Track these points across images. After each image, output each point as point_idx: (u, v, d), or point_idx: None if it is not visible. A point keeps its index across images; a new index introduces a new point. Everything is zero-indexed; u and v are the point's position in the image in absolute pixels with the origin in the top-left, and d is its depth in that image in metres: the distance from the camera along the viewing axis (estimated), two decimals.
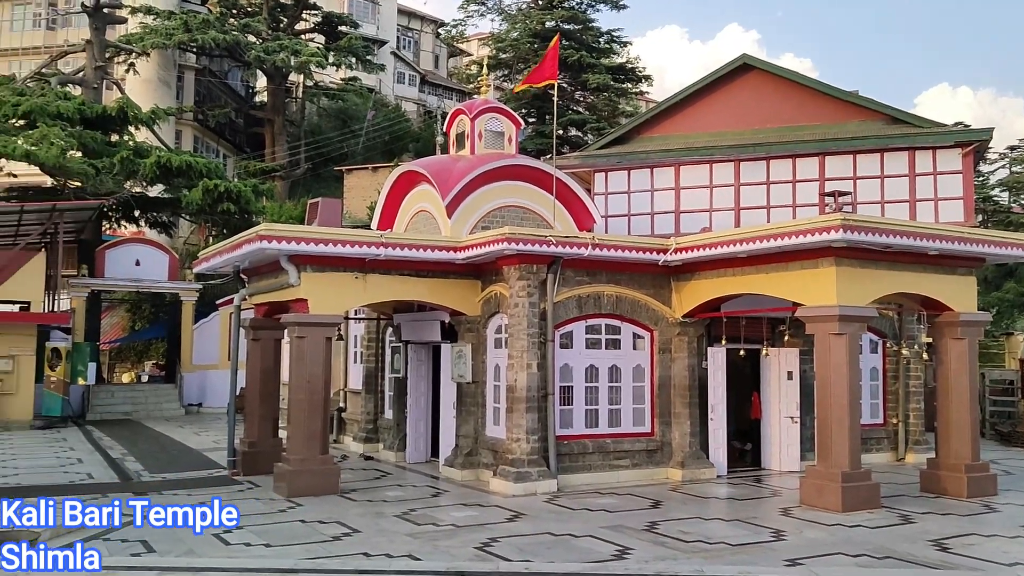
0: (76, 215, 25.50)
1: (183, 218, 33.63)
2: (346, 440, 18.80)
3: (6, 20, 45.00)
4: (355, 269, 13.22)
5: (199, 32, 39.47)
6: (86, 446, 18.70)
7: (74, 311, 26.10)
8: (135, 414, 25.99)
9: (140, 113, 30.20)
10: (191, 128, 44.40)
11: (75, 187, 28.19)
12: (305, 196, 37.42)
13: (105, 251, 27.58)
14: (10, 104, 27.78)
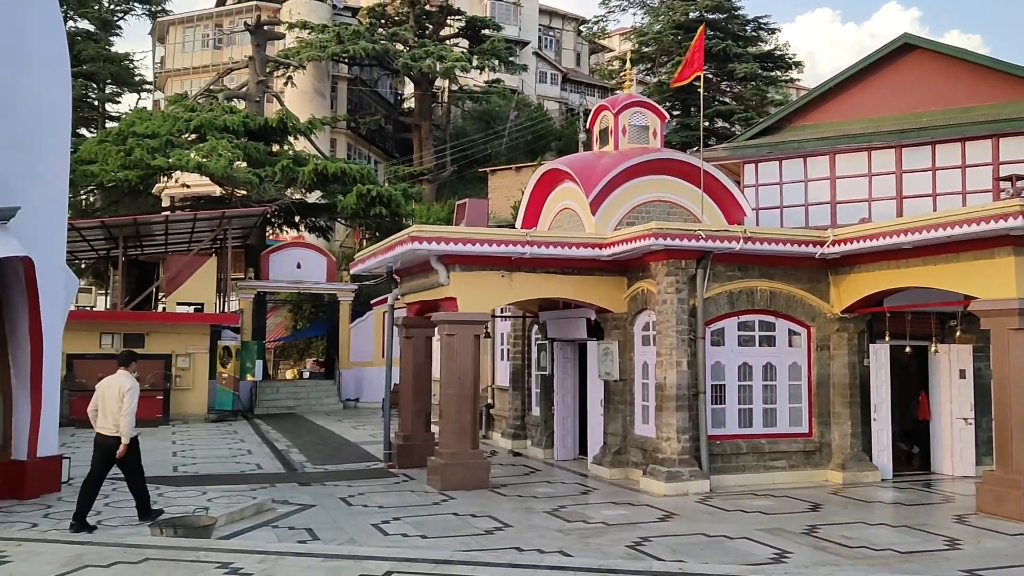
0: (243, 222, 27.18)
1: (339, 222, 35.18)
2: (494, 436, 19.09)
3: (178, 42, 48.47)
4: (502, 268, 13.38)
5: (350, 43, 41.18)
6: (255, 438, 19.87)
7: (242, 312, 27.79)
8: (298, 408, 27.40)
9: (298, 124, 31.81)
10: (345, 136, 46.35)
11: (241, 195, 30.06)
12: (451, 198, 38.32)
13: (269, 255, 29.23)
14: (183, 120, 29.92)
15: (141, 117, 32.07)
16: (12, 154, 11.55)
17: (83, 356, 22.15)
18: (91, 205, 35.30)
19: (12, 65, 11.64)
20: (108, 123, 48.95)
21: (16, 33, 11.75)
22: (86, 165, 27.55)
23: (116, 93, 53.37)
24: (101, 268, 32.27)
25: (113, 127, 36.87)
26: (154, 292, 27.73)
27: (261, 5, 45.47)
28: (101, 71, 48.52)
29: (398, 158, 48.84)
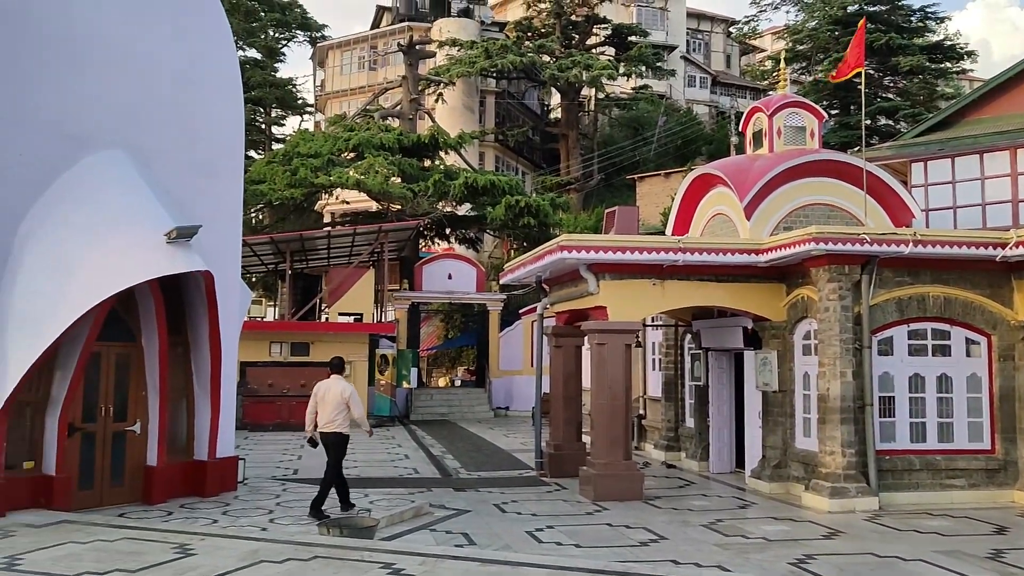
0: (398, 235, 28.18)
1: (488, 233, 35.85)
2: (646, 447, 18.83)
3: (337, 65, 50.93)
4: (652, 276, 13.21)
5: (498, 57, 41.95)
6: (411, 443, 20.50)
7: (398, 321, 28.78)
8: (450, 415, 28.06)
9: (449, 139, 32.70)
10: (493, 149, 47.23)
11: (396, 209, 31.18)
12: (599, 206, 38.25)
13: (422, 267, 30.14)
14: (343, 139, 31.39)
15: (304, 138, 33.88)
16: (193, 176, 12.49)
17: (255, 364, 23.58)
18: (260, 222, 37.59)
19: (192, 93, 12.60)
20: (274, 145, 52.11)
21: (195, 64, 12.70)
22: (256, 185, 29.36)
23: (281, 116, 56.75)
24: (270, 281, 34.28)
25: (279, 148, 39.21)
26: (318, 303, 29.17)
27: (413, 26, 47.11)
28: (267, 96, 51.70)
29: (545, 168, 49.28)
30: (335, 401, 11.01)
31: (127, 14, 11.89)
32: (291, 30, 55.31)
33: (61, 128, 11.15)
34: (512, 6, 55.48)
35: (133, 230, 10.98)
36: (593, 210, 38.79)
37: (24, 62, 10.80)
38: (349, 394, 11.07)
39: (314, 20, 55.34)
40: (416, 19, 48.88)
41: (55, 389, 10.83)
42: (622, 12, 54.97)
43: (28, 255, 10.75)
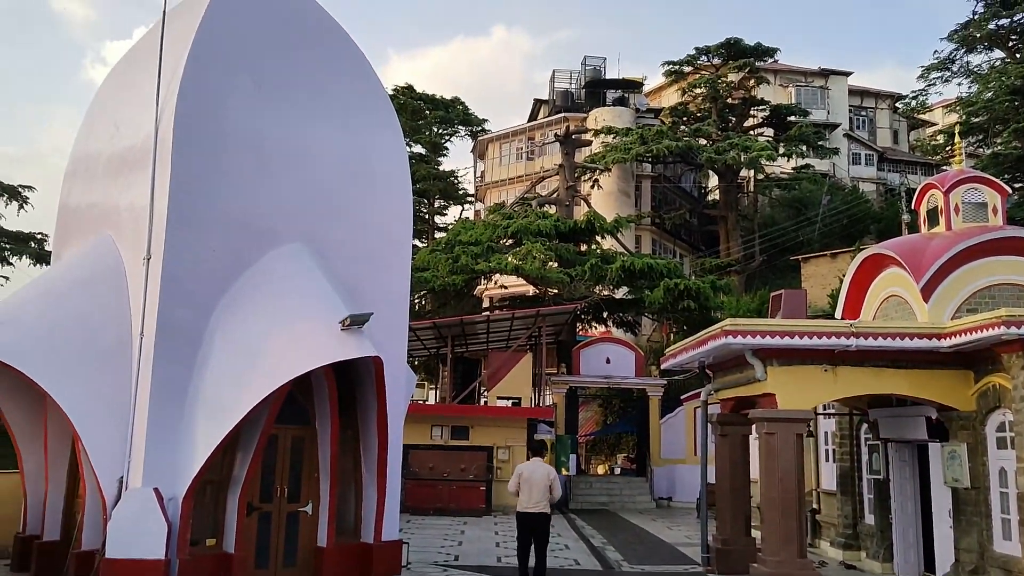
0: (555, 319, 28.42)
1: (646, 317, 35.55)
2: (822, 545, 17.65)
3: (496, 157, 52.91)
4: (824, 361, 12.62)
5: (654, 143, 42.29)
6: (571, 533, 20.16)
7: (556, 406, 28.74)
8: (610, 505, 27.46)
9: (605, 223, 33.00)
10: (649, 232, 47.20)
11: (553, 294, 31.56)
12: (762, 289, 37.19)
13: (580, 350, 30.14)
14: (501, 227, 32.35)
15: (465, 227, 35.18)
16: (364, 265, 13.18)
17: (417, 447, 24.12)
18: (423, 307, 38.99)
19: (365, 189, 13.41)
20: (437, 234, 54.33)
21: (368, 161, 13.55)
22: (420, 272, 30.60)
23: (443, 206, 59.29)
24: (432, 364, 35.24)
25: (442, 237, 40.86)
26: (477, 387, 29.67)
27: (569, 117, 48.42)
28: (431, 188, 54.24)
29: (704, 251, 48.64)
30: (542, 484, 11.92)
31: (306, 118, 12.89)
32: (453, 125, 58.14)
33: (248, 225, 12.10)
34: (667, 93, 56.08)
35: (311, 318, 11.64)
36: (756, 293, 37.73)
37: (218, 166, 11.87)
38: (553, 477, 12.04)
39: (475, 115, 58.00)
40: (572, 110, 50.26)
41: (236, 469, 11.46)
42: (780, 93, 54.34)
43: (217, 343, 11.57)
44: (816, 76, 57.65)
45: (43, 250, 28.35)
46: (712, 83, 46.11)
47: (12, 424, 12.60)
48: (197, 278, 11.51)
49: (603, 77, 52.82)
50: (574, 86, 53.37)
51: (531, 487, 11.90)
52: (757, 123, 48.42)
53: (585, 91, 52.28)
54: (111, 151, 12.86)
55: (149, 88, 11.99)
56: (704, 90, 47.00)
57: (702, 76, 47.36)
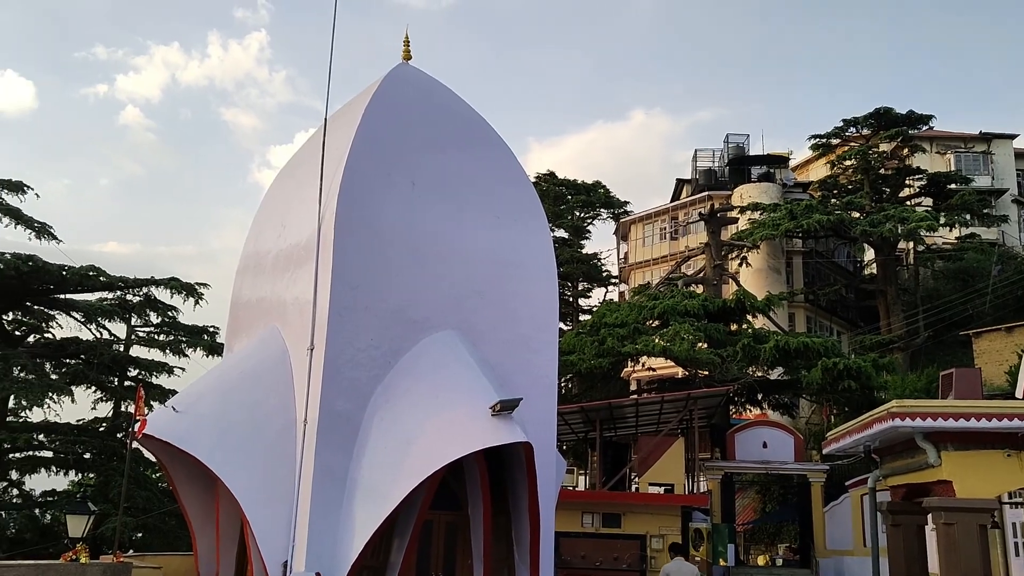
0: (707, 402, 27.64)
1: (803, 398, 34.02)
2: None
3: (639, 238, 52.94)
4: (1005, 445, 11.67)
5: (803, 218, 41.13)
6: None
7: (711, 493, 27.70)
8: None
9: (755, 302, 32.13)
10: (803, 309, 45.53)
11: (704, 375, 30.80)
12: (928, 367, 34.91)
13: (734, 434, 29.06)
14: (647, 308, 32.09)
15: (610, 309, 35.13)
16: (513, 351, 13.42)
17: (567, 534, 23.72)
18: (569, 391, 38.91)
19: (513, 276, 13.77)
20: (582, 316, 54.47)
21: (515, 249, 13.94)
22: (566, 355, 30.65)
23: (587, 289, 59.49)
24: (580, 449, 34.91)
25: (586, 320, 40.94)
26: (627, 472, 29.06)
27: (713, 195, 48.02)
28: (575, 271, 54.69)
29: (863, 327, 46.32)
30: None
31: (457, 212, 13.46)
32: (595, 208, 58.74)
33: (403, 314, 12.63)
34: (815, 167, 54.74)
35: (463, 404, 11.90)
36: (923, 371, 35.41)
37: (375, 260, 12.53)
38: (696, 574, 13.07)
39: (616, 198, 58.45)
40: (715, 188, 49.83)
41: (393, 555, 11.71)
42: (938, 161, 51.88)
43: (374, 429, 12.00)
44: (977, 141, 54.75)
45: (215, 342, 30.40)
46: (863, 154, 44.66)
47: (188, 508, 13.40)
48: (356, 367, 12.05)
49: (746, 154, 52.27)
50: (717, 164, 53.04)
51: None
52: (914, 192, 46.30)
53: (728, 168, 51.82)
54: (278, 249, 13.84)
55: (312, 189, 12.92)
56: (855, 162, 45.54)
57: (852, 148, 45.97)
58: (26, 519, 25.42)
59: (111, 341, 30.03)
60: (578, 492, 28.62)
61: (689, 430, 27.64)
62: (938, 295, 44.56)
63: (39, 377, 25.46)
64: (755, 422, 30.87)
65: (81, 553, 10.71)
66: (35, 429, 27.30)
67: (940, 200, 44.27)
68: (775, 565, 31.36)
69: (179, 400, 12.70)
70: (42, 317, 28.19)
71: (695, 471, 27.94)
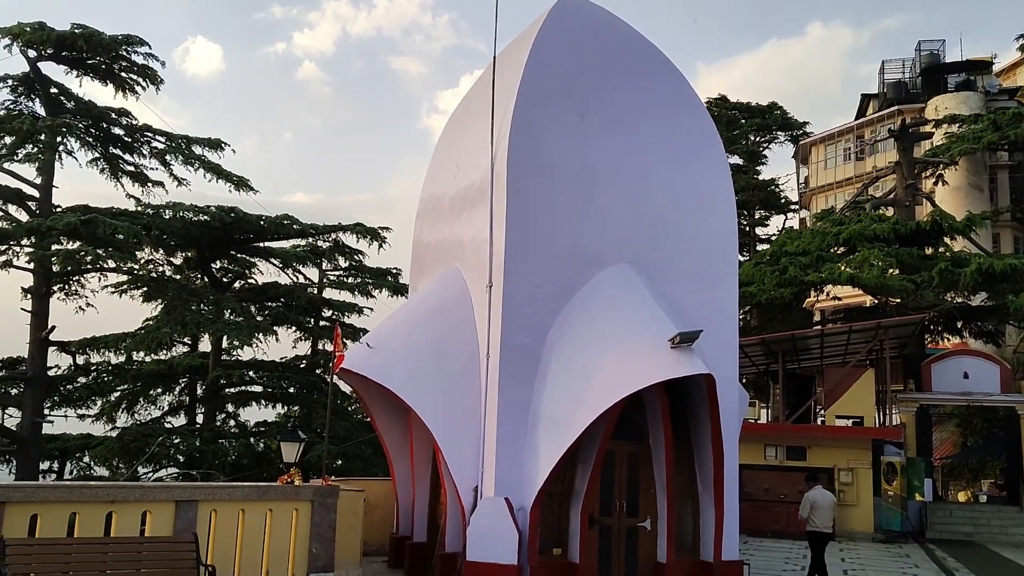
0: (899, 331, 26.16)
1: (1011, 325, 31.48)
2: None
3: (820, 160, 50.14)
4: None
5: (1010, 128, 37.41)
6: (930, 565, 18.40)
7: (904, 426, 26.42)
8: (976, 536, 24.59)
9: (954, 223, 29.80)
10: (1010, 229, 41.85)
11: (895, 304, 29.10)
12: None
13: (930, 365, 27.43)
14: (832, 234, 30.52)
15: (791, 237, 33.71)
16: (692, 285, 13.25)
17: (750, 467, 23.45)
18: (748, 323, 37.93)
19: (689, 207, 13.52)
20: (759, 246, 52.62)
21: (691, 181, 13.64)
22: (745, 287, 29.82)
23: (765, 217, 57.21)
24: (761, 382, 34.16)
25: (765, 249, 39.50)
26: (812, 405, 28.18)
27: (904, 109, 44.58)
28: (751, 199, 52.67)
29: None
30: (831, 507, 14.17)
31: (629, 144, 13.29)
32: (772, 132, 56.06)
33: (579, 250, 12.73)
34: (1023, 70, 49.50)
35: (640, 337, 11.93)
36: None
37: (549, 197, 12.64)
38: (834, 501, 14.46)
39: (794, 119, 55.42)
40: (906, 101, 46.18)
41: (577, 483, 12.04)
42: None
43: (553, 363, 12.28)
44: None
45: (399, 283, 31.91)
46: None
47: (384, 436, 14.36)
48: (534, 302, 12.32)
49: (942, 61, 47.90)
50: (907, 75, 48.97)
51: (821, 511, 13.99)
52: None
53: (921, 79, 47.73)
54: (454, 191, 14.26)
55: (483, 130, 13.15)
56: None
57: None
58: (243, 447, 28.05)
59: (306, 285, 32.22)
60: (761, 425, 28.10)
61: (880, 361, 26.34)
62: None
63: (246, 319, 27.72)
64: (954, 351, 28.97)
65: (295, 476, 11.74)
66: (246, 366, 29.93)
67: None
68: (978, 501, 29.65)
69: (372, 337, 13.50)
70: (245, 264, 30.58)
71: (887, 403, 26.67)
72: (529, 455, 11.75)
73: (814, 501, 14.02)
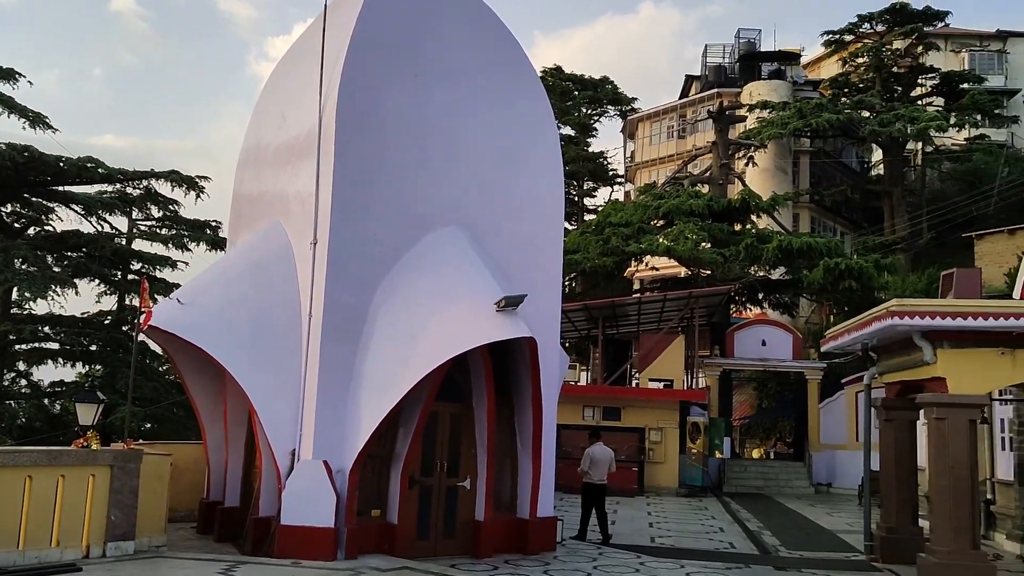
0: (708, 301, 27.88)
1: (804, 298, 34.25)
2: (997, 537, 16.54)
3: (646, 136, 52.19)
4: (1000, 344, 11.81)
5: (812, 117, 40.46)
6: (725, 516, 19.85)
7: (709, 388, 28.26)
8: (766, 489, 26.79)
9: (760, 202, 31.97)
10: (808, 210, 45.33)
11: (706, 275, 30.94)
12: (930, 267, 34.99)
13: (734, 333, 29.44)
14: (652, 207, 31.98)
15: (615, 208, 35.03)
16: (519, 248, 13.43)
17: (568, 426, 24.31)
18: (573, 289, 39.16)
19: (519, 172, 13.64)
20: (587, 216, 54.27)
21: (521, 146, 13.76)
22: (570, 254, 30.73)
23: (593, 188, 59.03)
24: (583, 346, 35.43)
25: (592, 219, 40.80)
26: (628, 368, 29.58)
27: (722, 92, 47.08)
28: (581, 170, 54.15)
29: (866, 228, 46.23)
30: (608, 462, 15.02)
31: (463, 106, 13.20)
32: (603, 105, 57.67)
33: (409, 210, 12.56)
34: (826, 64, 53.48)
35: (467, 300, 11.99)
36: (924, 272, 35.51)
37: (379, 154, 12.36)
38: (612, 456, 15.21)
39: (624, 94, 57.29)
40: (725, 85, 48.80)
41: (399, 445, 12.01)
42: (952, 59, 50.60)
43: (379, 324, 12.12)
44: (993, 39, 53.28)
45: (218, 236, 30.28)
46: (876, 51, 43.57)
47: (196, 398, 13.71)
48: (360, 261, 12.07)
49: (758, 50, 50.94)
50: (727, 60, 51.75)
51: (599, 465, 14.80)
52: (926, 92, 45.38)
53: (739, 65, 50.60)
54: (279, 141, 13.66)
55: (312, 81, 12.64)
56: (867, 59, 44.46)
57: (865, 45, 44.82)
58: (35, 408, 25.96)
59: (113, 234, 29.97)
60: (580, 387, 29.25)
61: (690, 328, 28.00)
62: (943, 197, 44.27)
63: (41, 269, 25.47)
64: (755, 321, 31.23)
65: (92, 440, 10.96)
66: (40, 321, 27.55)
67: (952, 100, 43.46)
68: (769, 458, 32.30)
69: (184, 292, 12.80)
70: (41, 209, 27.98)
71: (694, 368, 28.43)
72: (351, 417, 11.58)
73: (594, 456, 14.86)
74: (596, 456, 14.91)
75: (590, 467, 14.88)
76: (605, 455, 15.01)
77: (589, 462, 14.91)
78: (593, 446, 15.14)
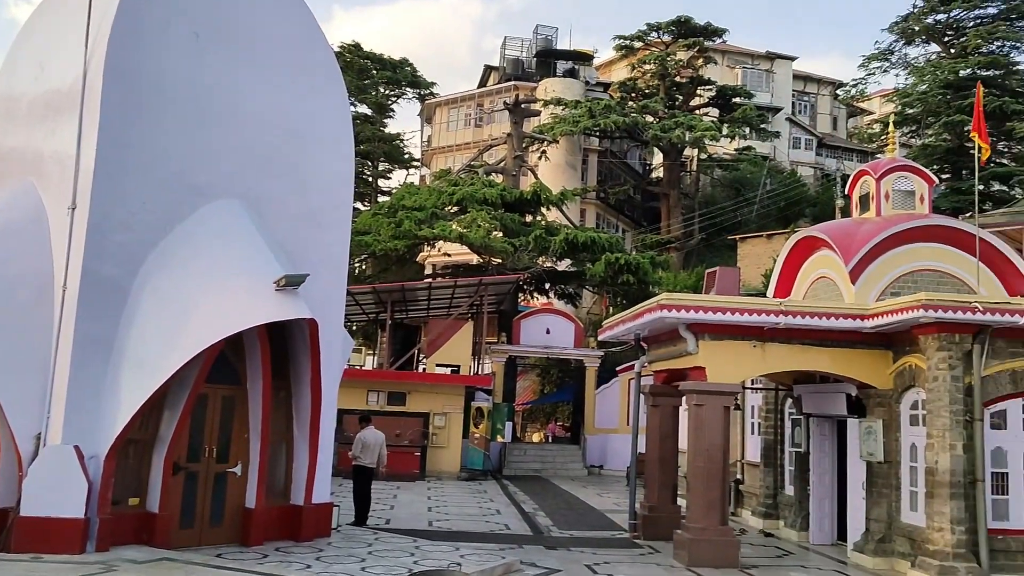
0: (497, 288, 28.46)
1: (587, 289, 35.84)
2: (743, 514, 18.19)
3: (444, 122, 52.43)
4: (754, 338, 12.95)
5: (602, 117, 42.37)
6: (503, 498, 20.40)
7: (495, 374, 28.88)
8: (543, 472, 27.82)
9: (551, 195, 33.03)
10: (594, 206, 47.44)
11: (497, 263, 31.57)
12: (699, 266, 37.79)
13: (520, 320, 30.28)
14: (447, 194, 32.15)
15: (410, 192, 34.88)
16: (303, 226, 12.99)
17: (351, 411, 23.93)
18: (363, 272, 38.67)
19: (305, 147, 13.19)
20: (380, 197, 53.76)
21: (309, 119, 13.30)
22: (361, 236, 30.28)
23: (388, 170, 58.59)
24: (370, 330, 35.06)
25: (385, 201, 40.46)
26: (416, 354, 29.61)
27: (519, 85, 48.18)
28: (375, 150, 53.58)
29: (646, 226, 49.15)
30: (378, 446, 15.04)
31: (247, 72, 12.57)
32: (401, 87, 57.32)
33: (183, 178, 11.80)
34: (617, 67, 56.17)
35: (244, 277, 11.45)
36: (693, 270, 38.32)
37: (151, 116, 11.49)
38: (383, 439, 15.26)
39: (423, 78, 57.27)
40: (522, 78, 50.00)
41: (163, 428, 11.27)
42: (727, 74, 54.84)
43: (145, 298, 11.29)
44: (763, 59, 58.36)
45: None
46: (661, 60, 46.33)
47: None
48: (126, 230, 11.20)
49: (554, 47, 52.61)
50: (525, 55, 53.05)
51: (370, 448, 14.88)
52: (703, 103, 48.88)
53: (536, 60, 52.02)
54: (35, 94, 12.38)
55: (78, 29, 11.54)
56: (653, 67, 47.20)
57: (652, 53, 47.54)
58: None
59: None
60: (364, 371, 28.84)
61: (479, 315, 28.43)
62: (713, 201, 47.94)
63: None
64: (540, 309, 32.26)
65: None
66: None
67: (725, 112, 47.01)
68: (548, 441, 33.56)
69: None
70: None
71: (481, 354, 28.92)
72: (108, 398, 10.72)
73: (364, 440, 14.93)
74: (367, 440, 14.99)
75: (361, 451, 14.95)
76: (376, 439, 15.09)
77: (360, 446, 14.95)
78: (364, 430, 15.13)
